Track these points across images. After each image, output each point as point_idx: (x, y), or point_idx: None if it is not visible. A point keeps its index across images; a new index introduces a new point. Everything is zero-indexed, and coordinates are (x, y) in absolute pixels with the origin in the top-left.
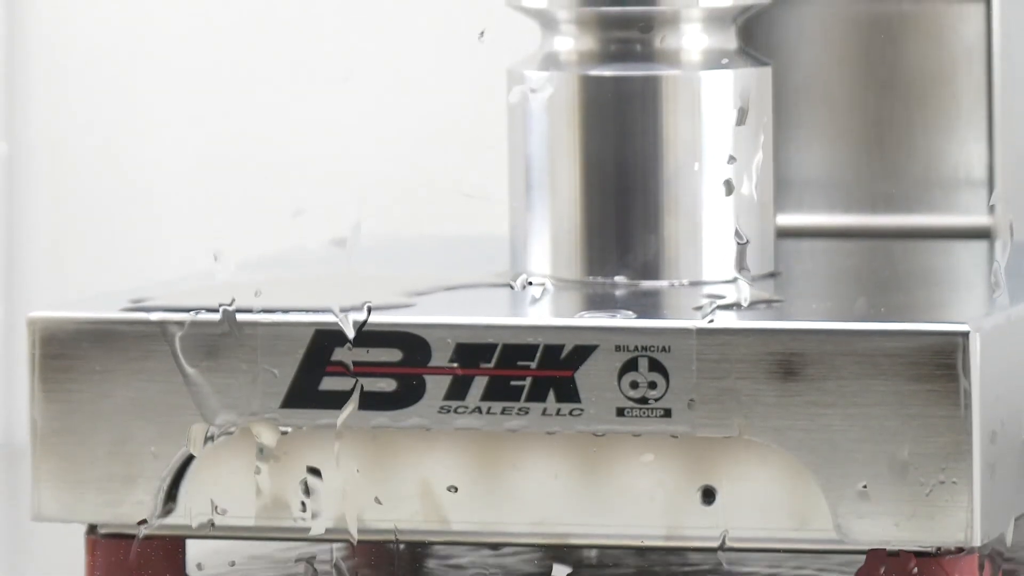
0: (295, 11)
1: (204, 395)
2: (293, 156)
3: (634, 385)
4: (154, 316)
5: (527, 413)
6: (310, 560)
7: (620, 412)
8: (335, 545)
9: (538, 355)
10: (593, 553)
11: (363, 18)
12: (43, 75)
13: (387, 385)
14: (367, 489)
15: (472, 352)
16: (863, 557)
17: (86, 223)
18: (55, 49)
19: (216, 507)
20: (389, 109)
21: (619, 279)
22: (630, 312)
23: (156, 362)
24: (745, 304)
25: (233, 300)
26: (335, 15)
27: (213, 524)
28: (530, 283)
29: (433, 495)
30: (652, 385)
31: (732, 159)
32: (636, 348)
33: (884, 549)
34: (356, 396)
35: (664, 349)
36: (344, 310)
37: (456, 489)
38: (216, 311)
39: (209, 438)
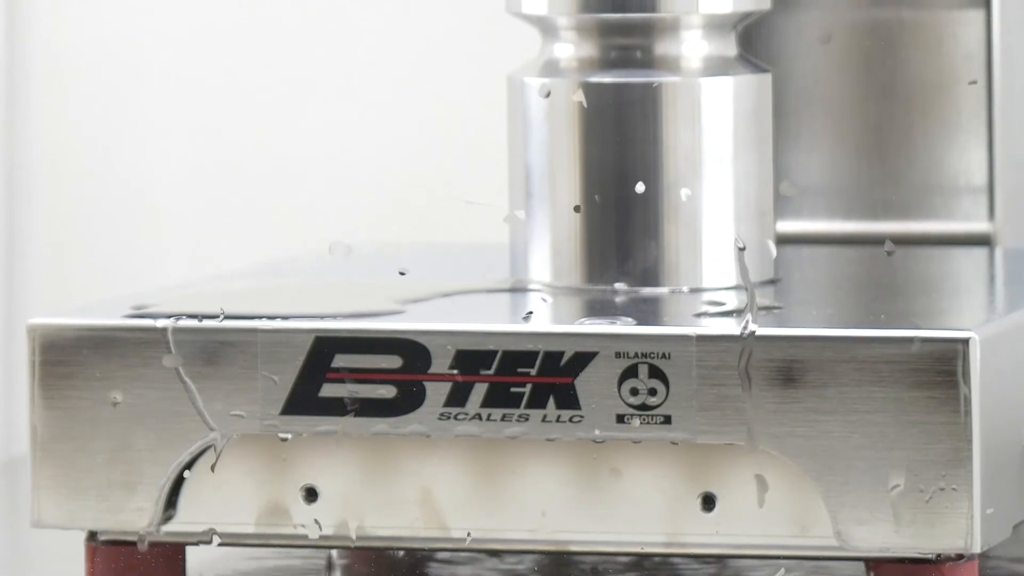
0: (295, 18)
1: (204, 402)
2: (294, 163)
3: (634, 392)
4: (154, 323)
5: (527, 420)
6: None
7: (620, 419)
8: (334, 552)
9: (538, 362)
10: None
11: (363, 25)
12: (43, 83)
13: (387, 392)
14: (367, 496)
15: (472, 359)
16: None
17: (86, 230)
18: (55, 57)
19: (215, 532)
20: (389, 116)
21: (619, 286)
22: (630, 319)
23: (156, 369)
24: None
25: (223, 312)
26: (335, 22)
27: (213, 532)
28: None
29: (433, 502)
30: (652, 392)
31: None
32: (636, 355)
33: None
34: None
35: (664, 356)
36: (345, 317)
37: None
38: (217, 318)
39: (209, 445)
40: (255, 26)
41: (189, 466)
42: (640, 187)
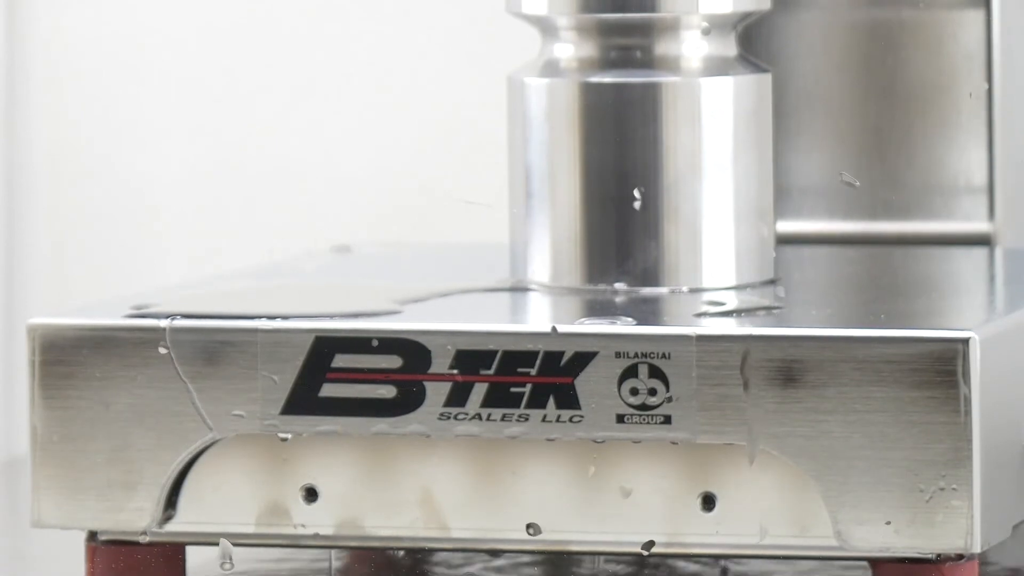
0: (294, 18)
1: (204, 402)
2: (294, 164)
3: (634, 392)
4: (154, 323)
5: (527, 420)
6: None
7: (620, 419)
8: (334, 552)
9: (538, 362)
10: (601, 560)
11: (363, 25)
12: (43, 83)
13: (387, 392)
14: (367, 496)
15: (472, 359)
16: (864, 564)
17: (86, 230)
18: (55, 57)
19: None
20: (390, 116)
21: (619, 286)
22: (630, 319)
23: (156, 369)
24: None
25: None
26: (335, 23)
27: (213, 533)
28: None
29: (433, 502)
30: (652, 392)
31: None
32: (636, 355)
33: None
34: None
35: (664, 356)
36: (345, 317)
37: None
38: (220, 317)
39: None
40: (255, 26)
41: (189, 466)
42: (638, 195)
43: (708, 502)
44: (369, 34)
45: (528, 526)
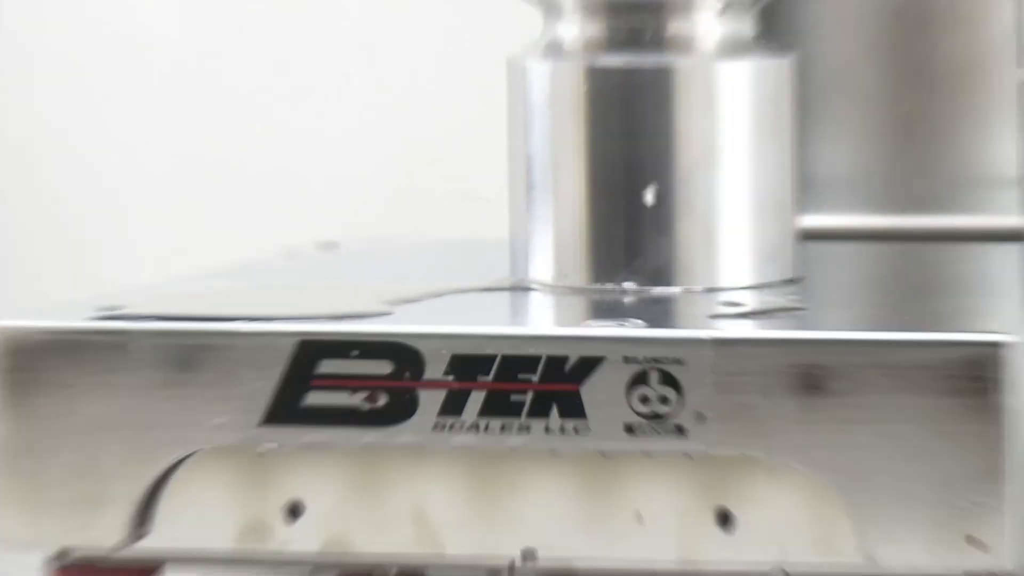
0: (294, 20)
1: (179, 411)
2: (294, 164)
3: (644, 400)
4: (125, 325)
5: (528, 430)
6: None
7: (629, 429)
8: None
9: (540, 367)
10: None
11: (363, 25)
12: (12, 78)
13: (377, 400)
14: (355, 512)
15: (469, 364)
16: None
17: (54, 229)
18: (26, 52)
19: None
20: (390, 117)
21: (628, 285)
22: (640, 321)
23: (128, 375)
24: None
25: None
26: (335, 23)
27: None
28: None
29: (427, 518)
30: (664, 400)
31: None
32: (646, 360)
33: None
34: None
35: (677, 361)
36: (331, 319)
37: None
38: (196, 320)
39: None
40: (249, 21)
41: (164, 480)
42: (650, 194)
43: (724, 519)
44: (369, 34)
45: (523, 553)
